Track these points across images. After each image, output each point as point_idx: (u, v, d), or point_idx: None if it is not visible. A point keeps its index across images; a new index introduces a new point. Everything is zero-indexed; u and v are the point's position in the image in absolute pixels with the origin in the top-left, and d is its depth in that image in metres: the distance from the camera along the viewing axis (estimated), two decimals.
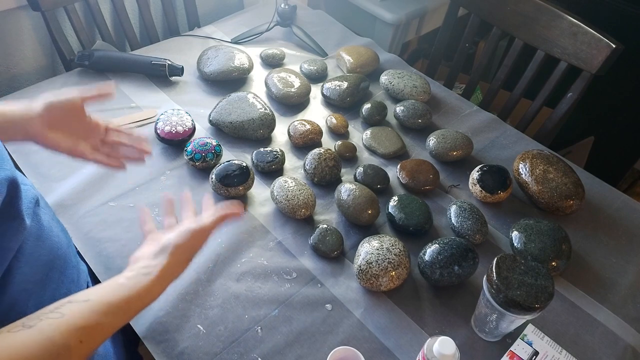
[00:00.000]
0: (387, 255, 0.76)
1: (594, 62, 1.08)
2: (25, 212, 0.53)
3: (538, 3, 1.15)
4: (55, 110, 0.64)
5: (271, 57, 1.21)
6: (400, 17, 1.54)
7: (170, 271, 0.57)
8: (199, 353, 0.68)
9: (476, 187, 0.92)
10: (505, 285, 0.64)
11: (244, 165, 0.88)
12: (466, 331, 0.74)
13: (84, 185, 0.88)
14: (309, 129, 1.00)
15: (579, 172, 0.98)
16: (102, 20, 1.21)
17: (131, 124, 1.01)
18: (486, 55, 1.31)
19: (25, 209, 0.53)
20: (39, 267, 0.57)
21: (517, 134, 1.11)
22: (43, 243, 0.58)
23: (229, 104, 1.02)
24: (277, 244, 0.83)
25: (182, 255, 0.59)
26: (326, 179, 0.92)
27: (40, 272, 0.58)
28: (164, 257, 0.56)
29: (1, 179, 0.47)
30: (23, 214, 0.52)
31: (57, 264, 0.61)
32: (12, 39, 1.14)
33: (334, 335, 0.72)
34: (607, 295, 0.82)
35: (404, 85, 1.13)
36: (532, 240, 0.82)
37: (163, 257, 0.56)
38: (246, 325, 0.72)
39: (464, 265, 0.76)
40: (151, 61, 1.11)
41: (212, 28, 1.33)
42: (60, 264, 0.62)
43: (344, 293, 0.77)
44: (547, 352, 0.71)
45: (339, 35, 1.36)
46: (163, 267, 0.55)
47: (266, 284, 0.77)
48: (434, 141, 1.00)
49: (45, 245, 0.59)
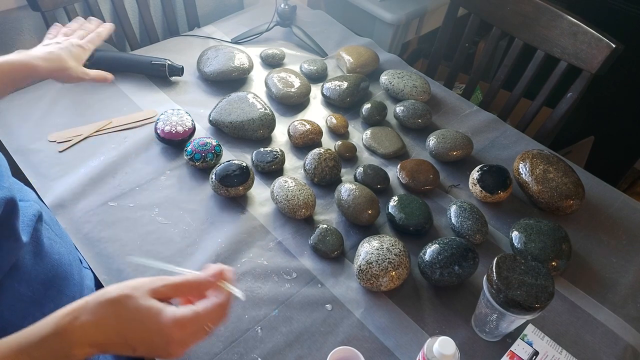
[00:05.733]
0: (387, 255, 0.76)
1: (594, 62, 1.08)
2: (22, 230, 0.51)
3: (538, 3, 1.15)
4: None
5: (271, 57, 1.21)
6: (400, 17, 1.54)
7: (85, 334, 0.42)
8: (199, 353, 0.68)
9: (476, 187, 0.92)
10: (506, 285, 0.64)
11: (244, 165, 0.88)
12: (466, 331, 0.74)
13: (84, 185, 0.88)
14: (309, 129, 1.00)
15: (579, 172, 0.98)
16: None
17: (131, 123, 1.01)
18: (486, 55, 1.31)
19: (22, 227, 0.52)
20: (36, 286, 0.56)
21: (517, 134, 1.11)
22: (42, 261, 0.57)
23: (229, 104, 1.02)
24: (277, 244, 0.83)
25: (104, 321, 0.43)
26: (326, 179, 0.92)
27: (37, 291, 0.56)
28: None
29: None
30: (19, 232, 0.51)
31: (56, 283, 0.59)
32: (12, 39, 1.14)
33: (334, 335, 0.72)
34: (608, 295, 0.82)
35: (404, 85, 1.13)
36: (532, 240, 0.82)
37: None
38: (246, 325, 0.72)
39: (464, 265, 0.76)
40: (151, 61, 1.11)
41: (212, 28, 1.33)
42: (60, 282, 0.60)
43: (344, 293, 0.77)
44: (547, 352, 0.71)
45: (339, 35, 1.36)
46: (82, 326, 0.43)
47: (266, 284, 0.77)
48: (434, 141, 1.00)
49: (44, 263, 0.57)
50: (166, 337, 0.44)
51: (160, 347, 0.44)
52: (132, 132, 1.00)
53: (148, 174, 0.92)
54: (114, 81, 1.10)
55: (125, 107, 1.05)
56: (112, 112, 1.03)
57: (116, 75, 1.11)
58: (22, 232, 0.51)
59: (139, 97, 1.08)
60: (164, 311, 0.44)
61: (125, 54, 1.16)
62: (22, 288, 0.54)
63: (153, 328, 0.43)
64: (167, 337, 0.44)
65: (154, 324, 0.43)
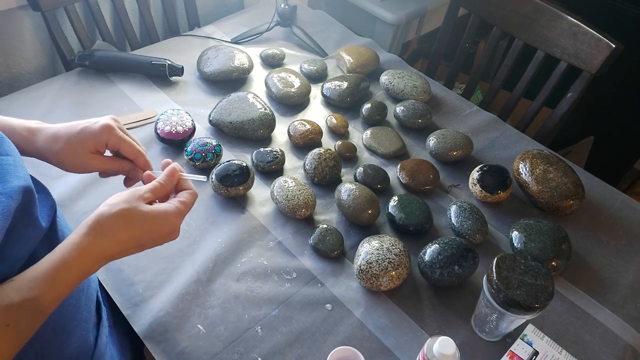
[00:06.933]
0: (387, 255, 0.76)
1: (594, 62, 1.08)
2: (41, 218, 0.52)
3: (538, 3, 1.15)
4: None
5: (271, 57, 1.21)
6: (400, 17, 1.54)
7: (104, 250, 0.51)
8: (199, 353, 0.68)
9: (476, 187, 0.92)
10: (505, 285, 0.64)
11: (244, 165, 0.88)
12: (466, 331, 0.74)
13: (84, 184, 0.88)
14: (309, 129, 1.00)
15: (579, 172, 0.98)
16: (102, 20, 1.21)
17: (131, 124, 1.01)
18: (486, 55, 1.31)
19: (41, 216, 0.52)
20: None
21: (517, 134, 1.11)
22: None
23: (229, 104, 1.02)
24: (277, 244, 0.83)
25: (117, 235, 0.51)
26: (326, 179, 0.92)
27: None
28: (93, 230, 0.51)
29: (16, 187, 0.46)
30: (39, 220, 0.51)
31: None
32: (12, 39, 1.14)
33: (334, 335, 0.72)
34: (607, 295, 0.82)
35: (404, 85, 1.13)
36: (532, 240, 0.82)
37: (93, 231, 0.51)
38: (246, 325, 0.72)
39: (464, 265, 0.76)
40: (151, 61, 1.11)
41: (212, 28, 1.33)
42: None
43: (344, 293, 0.77)
44: (547, 352, 0.71)
45: (339, 35, 1.36)
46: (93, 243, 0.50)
47: (266, 284, 0.77)
48: (434, 141, 1.00)
49: None
50: (171, 227, 0.55)
51: (165, 236, 0.55)
52: (132, 132, 0.99)
53: None
54: (114, 81, 1.11)
55: (125, 107, 1.05)
56: (112, 112, 1.01)
57: (116, 75, 1.12)
58: (41, 220, 0.52)
59: (139, 97, 1.08)
60: (166, 209, 0.54)
61: (126, 54, 1.16)
62: None
63: (163, 224, 0.54)
64: (173, 226, 0.55)
65: (163, 219, 0.54)
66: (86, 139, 0.60)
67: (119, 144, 0.61)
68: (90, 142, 0.60)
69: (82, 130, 0.59)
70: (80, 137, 0.59)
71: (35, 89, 1.06)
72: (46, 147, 0.60)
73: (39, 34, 1.17)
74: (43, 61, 1.22)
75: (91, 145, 0.60)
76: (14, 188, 0.46)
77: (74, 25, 1.16)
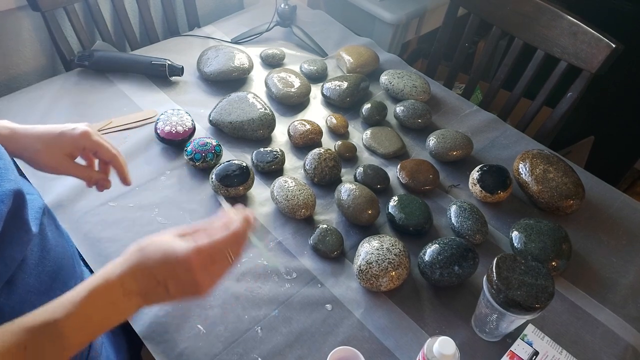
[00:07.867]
0: (387, 256, 0.76)
1: (594, 62, 1.08)
2: (32, 221, 0.52)
3: (538, 3, 1.15)
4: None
5: (271, 57, 1.21)
6: (400, 17, 1.54)
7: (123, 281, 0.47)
8: (198, 353, 0.68)
9: (476, 187, 0.92)
10: (506, 285, 0.64)
11: (244, 165, 0.88)
12: (466, 331, 0.74)
13: (84, 185, 0.87)
14: (309, 129, 1.00)
15: (579, 172, 0.98)
16: (101, 21, 1.21)
17: (131, 123, 1.01)
18: (486, 55, 1.31)
19: (32, 219, 0.53)
20: (43, 278, 0.57)
21: (517, 133, 1.11)
22: (48, 254, 0.58)
23: (229, 104, 1.02)
24: (277, 244, 0.83)
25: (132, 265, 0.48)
26: (326, 179, 0.92)
27: (44, 283, 0.57)
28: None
29: (6, 190, 0.47)
30: (29, 224, 0.52)
31: (61, 275, 0.60)
32: (12, 39, 1.13)
33: (334, 335, 0.72)
34: (608, 295, 0.82)
35: (403, 85, 1.13)
36: (532, 240, 0.82)
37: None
38: (246, 325, 0.72)
39: (464, 265, 0.76)
40: (151, 61, 1.11)
41: (212, 28, 1.33)
42: (64, 274, 0.61)
43: (344, 293, 0.77)
44: (547, 352, 0.71)
45: (339, 35, 1.36)
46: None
47: (266, 284, 0.77)
48: (433, 141, 1.00)
49: (50, 256, 0.58)
50: (187, 265, 0.47)
51: (188, 282, 0.48)
52: (132, 132, 1.00)
53: (148, 174, 0.92)
54: (114, 81, 1.10)
55: (125, 107, 1.05)
56: (112, 112, 1.03)
57: (116, 75, 1.12)
58: (32, 224, 0.52)
59: (139, 97, 1.07)
60: (181, 242, 0.48)
61: (126, 54, 1.16)
62: (31, 280, 0.55)
63: (173, 258, 0.47)
64: (188, 264, 0.47)
65: (172, 253, 0.47)
66: (65, 142, 0.63)
67: (96, 147, 0.65)
68: (68, 145, 0.63)
69: (61, 134, 0.63)
70: (60, 140, 0.62)
71: (35, 89, 1.06)
72: (26, 146, 0.62)
73: (38, 34, 1.17)
74: (43, 61, 1.22)
75: (68, 149, 0.63)
76: (5, 192, 0.47)
77: (73, 25, 1.15)
